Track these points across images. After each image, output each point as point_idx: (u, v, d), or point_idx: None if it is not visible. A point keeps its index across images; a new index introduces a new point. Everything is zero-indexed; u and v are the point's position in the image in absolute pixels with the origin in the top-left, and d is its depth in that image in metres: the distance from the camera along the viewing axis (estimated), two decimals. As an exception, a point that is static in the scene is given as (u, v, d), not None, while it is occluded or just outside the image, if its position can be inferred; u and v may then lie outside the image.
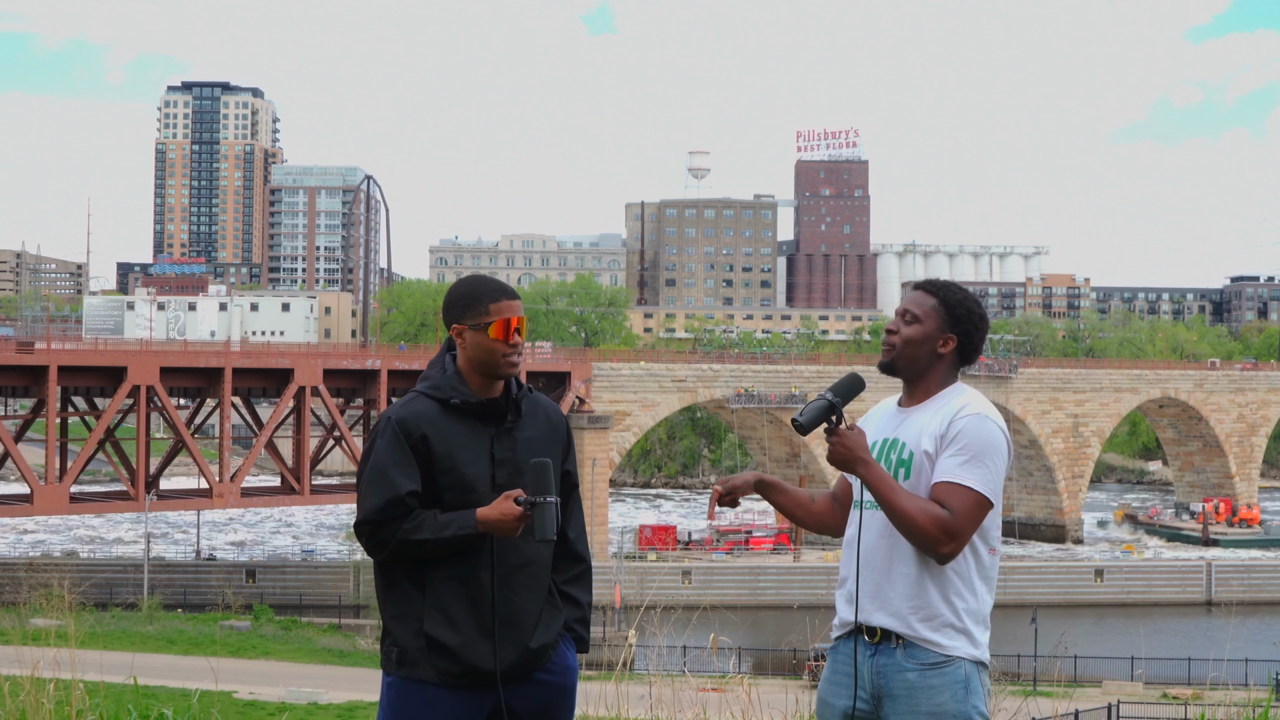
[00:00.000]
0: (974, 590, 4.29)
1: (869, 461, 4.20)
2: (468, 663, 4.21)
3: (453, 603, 4.23)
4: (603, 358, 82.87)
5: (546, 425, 4.44)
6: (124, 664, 9.78)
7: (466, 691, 4.25)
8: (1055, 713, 12.18)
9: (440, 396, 4.31)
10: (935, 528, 4.12)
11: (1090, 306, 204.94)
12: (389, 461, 4.19)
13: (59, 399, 58.07)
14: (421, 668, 4.22)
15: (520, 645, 4.28)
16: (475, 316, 4.35)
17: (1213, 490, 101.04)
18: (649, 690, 7.66)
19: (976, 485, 4.17)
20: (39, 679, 7.17)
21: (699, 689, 8.04)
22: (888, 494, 4.16)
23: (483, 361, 4.35)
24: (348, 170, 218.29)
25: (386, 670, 4.30)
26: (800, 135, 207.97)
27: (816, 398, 4.29)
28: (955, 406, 4.30)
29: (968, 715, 4.23)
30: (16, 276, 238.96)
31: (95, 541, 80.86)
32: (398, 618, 4.26)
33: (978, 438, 4.21)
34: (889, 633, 4.27)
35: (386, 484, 4.16)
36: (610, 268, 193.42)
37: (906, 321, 4.41)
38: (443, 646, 4.21)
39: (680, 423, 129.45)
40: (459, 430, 4.28)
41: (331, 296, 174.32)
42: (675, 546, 76.81)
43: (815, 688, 4.62)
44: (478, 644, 4.22)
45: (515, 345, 4.36)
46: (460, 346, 4.39)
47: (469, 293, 4.41)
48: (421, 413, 4.27)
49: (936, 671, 4.23)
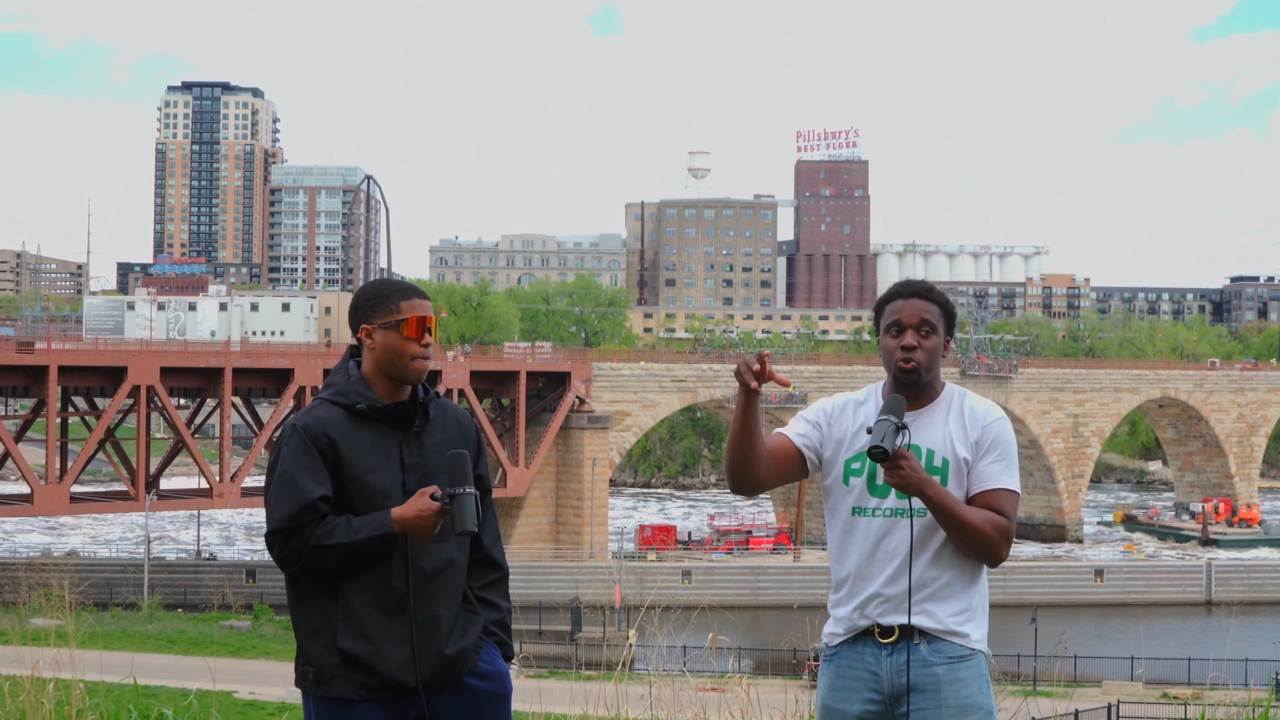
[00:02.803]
0: (983, 585, 4.40)
1: (933, 481, 4.23)
2: (384, 675, 4.09)
3: (366, 614, 4.09)
4: (603, 358, 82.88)
5: (456, 429, 4.32)
6: (124, 664, 9.78)
7: (388, 705, 4.14)
8: (1055, 713, 12.18)
9: (345, 403, 4.17)
10: (1000, 535, 4.26)
11: (1090, 306, 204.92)
12: (296, 468, 4.06)
13: (59, 399, 58.06)
14: (339, 685, 4.10)
15: (436, 651, 4.15)
16: (385, 315, 4.22)
17: (1213, 490, 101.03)
18: (649, 690, 7.66)
19: (1016, 486, 4.36)
20: (39, 679, 7.17)
21: (699, 689, 8.04)
22: (956, 511, 4.23)
23: (390, 363, 4.21)
24: (348, 170, 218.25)
25: (305, 690, 4.17)
26: (800, 135, 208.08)
27: (880, 420, 4.19)
28: (977, 410, 4.40)
29: (990, 707, 4.30)
30: (17, 276, 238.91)
31: (96, 541, 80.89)
32: (311, 635, 4.14)
33: (1009, 442, 4.39)
34: (907, 629, 4.28)
35: (295, 490, 4.03)
36: (610, 268, 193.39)
37: (924, 335, 4.40)
38: (357, 660, 4.08)
39: (680, 423, 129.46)
40: (366, 436, 4.15)
41: (331, 296, 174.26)
42: (675, 546, 76.85)
43: (815, 687, 4.59)
44: (393, 654, 4.10)
45: (427, 345, 4.23)
46: (368, 349, 4.25)
47: (378, 292, 4.28)
48: (326, 419, 4.14)
49: (963, 664, 4.28)
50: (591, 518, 71.41)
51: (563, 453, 71.91)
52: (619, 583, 56.25)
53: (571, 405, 71.55)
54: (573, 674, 15.71)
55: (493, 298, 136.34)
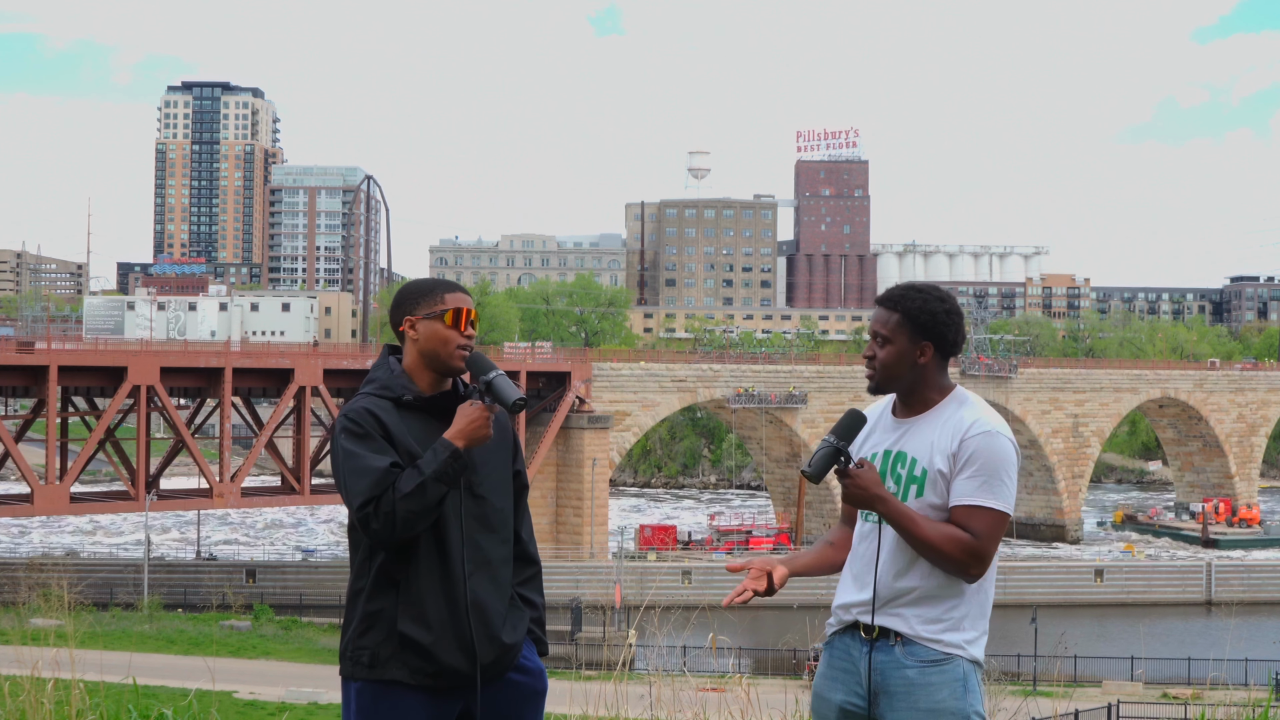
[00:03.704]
0: (974, 594, 4.34)
1: (886, 498, 4.24)
2: (441, 661, 4.19)
3: (427, 601, 4.19)
4: (603, 358, 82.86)
5: (496, 425, 4.39)
6: (123, 664, 9.78)
7: (437, 694, 4.22)
8: (1055, 713, 12.18)
9: (391, 395, 4.28)
10: (962, 553, 4.19)
11: (1090, 306, 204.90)
12: (361, 449, 4.15)
13: (59, 399, 58.06)
14: (394, 668, 4.18)
15: (493, 642, 4.27)
16: (430, 305, 4.36)
17: (1212, 490, 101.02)
18: (649, 690, 7.66)
19: (995, 505, 4.23)
20: (38, 679, 7.17)
21: (699, 689, 8.04)
22: (910, 527, 4.21)
23: (434, 353, 4.34)
24: (348, 170, 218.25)
25: (353, 675, 4.24)
26: (800, 135, 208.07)
27: (820, 444, 4.30)
28: (963, 422, 4.32)
29: (965, 713, 4.27)
30: (17, 276, 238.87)
31: (97, 535, 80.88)
32: (369, 618, 4.22)
33: (991, 456, 4.25)
34: (887, 630, 4.31)
35: (367, 466, 4.12)
36: (610, 268, 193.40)
37: (879, 344, 4.42)
38: (416, 645, 4.17)
39: (680, 423, 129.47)
40: (413, 425, 4.26)
41: (332, 296, 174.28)
42: (675, 546, 76.85)
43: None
44: (451, 643, 4.20)
45: (469, 336, 4.36)
46: (411, 341, 4.37)
47: (421, 286, 4.42)
48: (374, 408, 4.24)
49: (936, 669, 4.26)
50: (591, 518, 71.43)
51: (563, 453, 71.93)
52: (619, 583, 56.30)
53: (571, 405, 71.56)
54: (573, 674, 15.70)
55: (493, 298, 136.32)
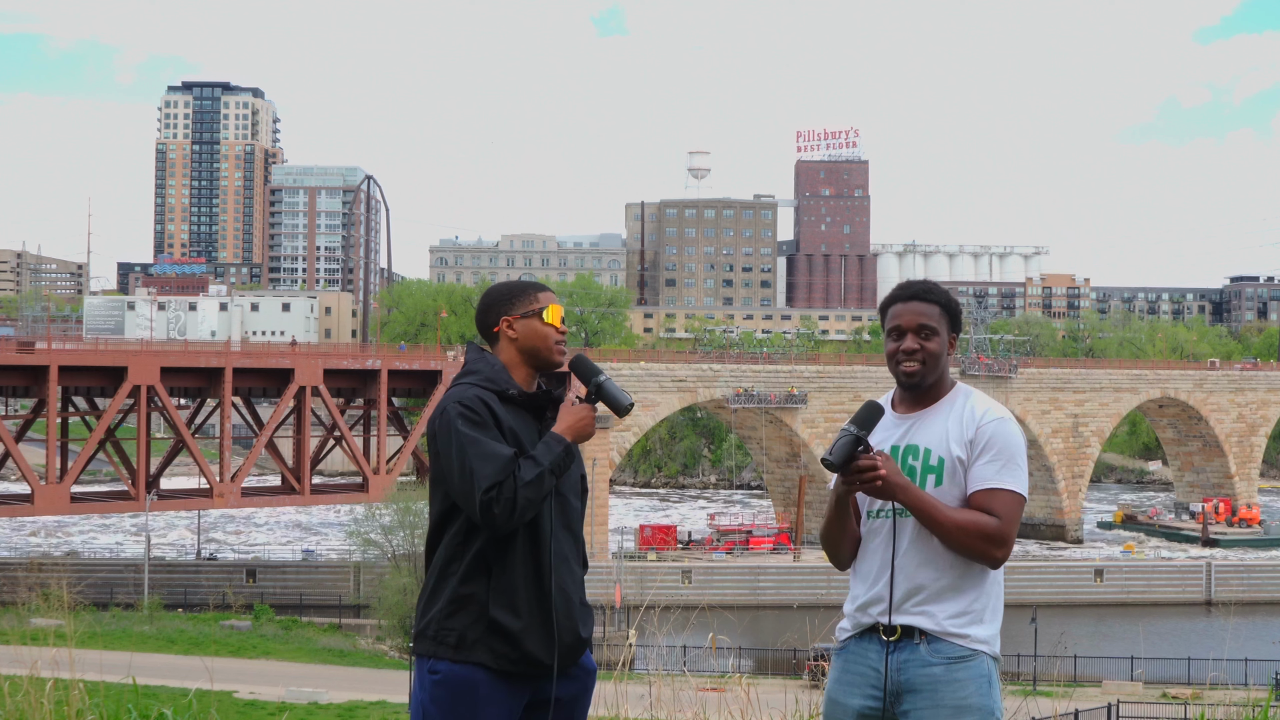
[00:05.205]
0: (991, 587, 4.39)
1: (908, 486, 4.26)
2: (525, 649, 4.27)
3: (518, 589, 4.29)
4: (603, 358, 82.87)
5: None
6: (123, 664, 9.77)
7: (513, 680, 4.31)
8: (1055, 713, 12.17)
9: (496, 389, 4.38)
10: (987, 536, 4.25)
11: (1090, 306, 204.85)
12: (482, 435, 4.23)
13: (59, 399, 58.09)
14: (480, 651, 4.26)
15: (574, 634, 4.38)
16: (526, 304, 4.51)
17: (1212, 490, 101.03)
18: (649, 690, 7.66)
19: (1015, 487, 4.30)
20: (38, 679, 7.16)
21: (699, 689, 8.03)
22: (934, 513, 4.24)
23: (535, 350, 4.50)
24: (348, 170, 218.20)
25: (436, 654, 4.28)
26: (800, 135, 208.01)
27: (840, 433, 4.30)
28: (975, 410, 4.39)
29: (990, 709, 4.29)
30: (17, 276, 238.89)
31: (95, 534, 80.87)
32: (459, 601, 4.28)
33: (1006, 442, 4.33)
34: (909, 629, 4.31)
35: (494, 452, 4.21)
36: (610, 268, 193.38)
37: (925, 337, 4.42)
38: (506, 631, 4.26)
39: (680, 423, 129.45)
40: (515, 420, 4.39)
41: (332, 296, 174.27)
42: (675, 546, 76.85)
43: (815, 687, 4.63)
44: (537, 632, 4.29)
45: (564, 333, 4.55)
46: (508, 339, 4.50)
47: (513, 288, 4.57)
48: (483, 397, 4.34)
49: (961, 665, 4.28)
50: (591, 518, 71.37)
51: (563, 453, 71.84)
52: (619, 583, 56.29)
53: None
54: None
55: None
